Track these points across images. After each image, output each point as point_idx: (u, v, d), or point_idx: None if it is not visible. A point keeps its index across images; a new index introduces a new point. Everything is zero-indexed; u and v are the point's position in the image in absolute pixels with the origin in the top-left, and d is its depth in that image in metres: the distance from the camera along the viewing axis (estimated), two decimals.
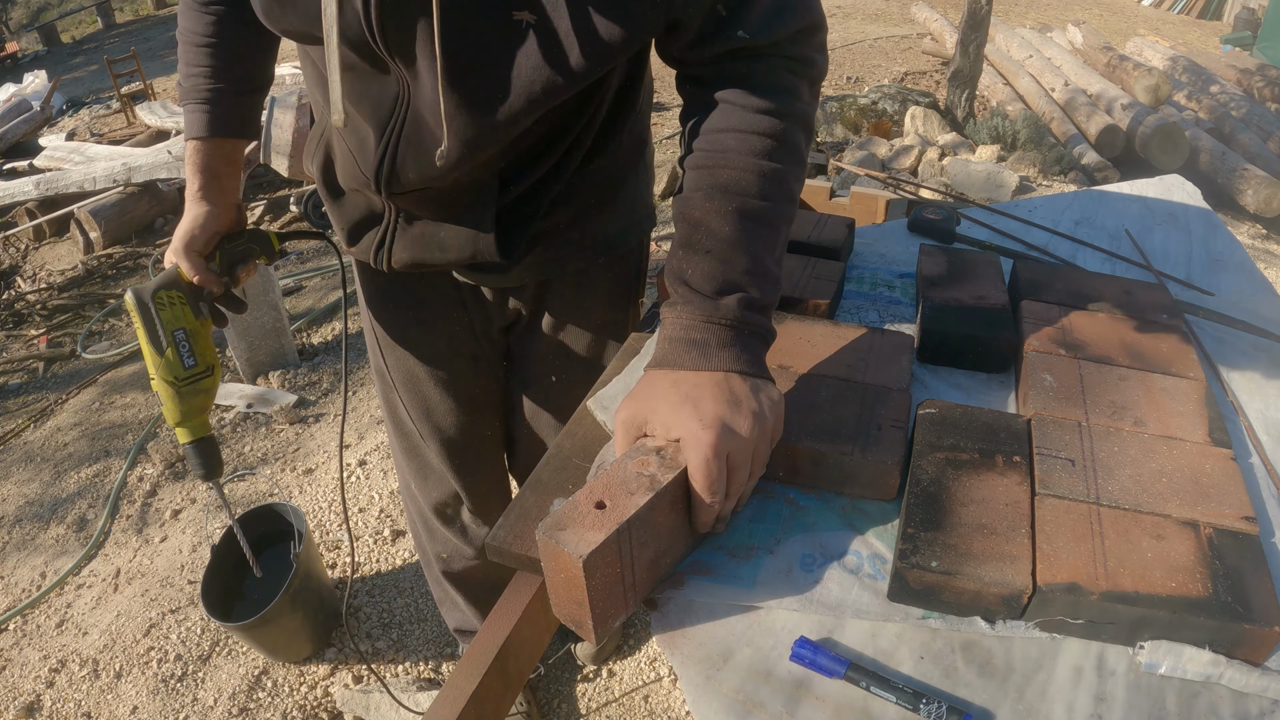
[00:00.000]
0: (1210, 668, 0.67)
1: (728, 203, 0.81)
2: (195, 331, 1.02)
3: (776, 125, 0.84)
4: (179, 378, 1.01)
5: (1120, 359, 0.97)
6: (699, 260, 0.80)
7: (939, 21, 7.10)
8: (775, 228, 0.84)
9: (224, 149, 1.09)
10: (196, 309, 1.03)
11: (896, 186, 1.71)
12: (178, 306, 1.00)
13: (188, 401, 1.02)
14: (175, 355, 1.00)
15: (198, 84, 1.06)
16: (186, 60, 1.07)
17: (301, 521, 1.88)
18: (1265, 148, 4.91)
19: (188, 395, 1.02)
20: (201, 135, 1.07)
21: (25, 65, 9.03)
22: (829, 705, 0.67)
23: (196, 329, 1.02)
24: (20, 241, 4.62)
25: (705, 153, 0.84)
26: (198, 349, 1.02)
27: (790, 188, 0.85)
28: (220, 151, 1.08)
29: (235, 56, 1.07)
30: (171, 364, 1.00)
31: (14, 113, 5.97)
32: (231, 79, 1.07)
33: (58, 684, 1.95)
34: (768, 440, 0.77)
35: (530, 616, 0.78)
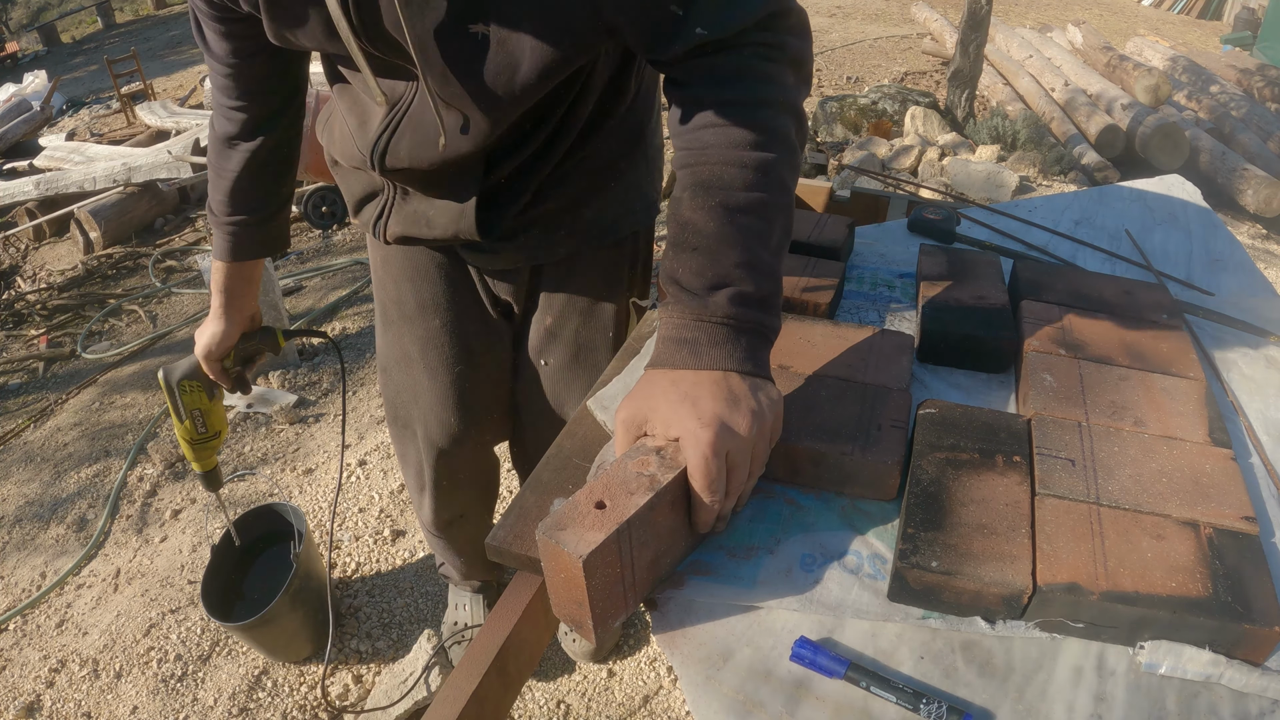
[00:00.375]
0: (1210, 668, 0.67)
1: (710, 198, 0.80)
2: (208, 410, 1.33)
3: (754, 114, 0.83)
4: (193, 440, 1.36)
5: (1120, 359, 0.97)
6: (687, 258, 0.80)
7: (939, 21, 7.10)
8: (765, 218, 0.82)
9: (244, 270, 1.24)
10: (210, 393, 1.32)
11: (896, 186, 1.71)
12: (196, 393, 1.30)
13: (199, 452, 1.39)
14: (191, 425, 1.33)
15: (224, 210, 1.19)
16: (214, 185, 1.19)
17: (301, 521, 1.88)
18: (1265, 148, 4.91)
19: (200, 450, 1.39)
20: (225, 259, 1.22)
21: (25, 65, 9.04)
22: (829, 705, 0.67)
23: (209, 408, 1.33)
24: (20, 241, 4.62)
25: (686, 151, 0.84)
26: (209, 422, 1.35)
27: (779, 175, 0.83)
28: (241, 273, 1.24)
29: (258, 187, 1.18)
30: (189, 430, 1.34)
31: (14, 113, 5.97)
32: (255, 208, 1.19)
33: (58, 684, 1.95)
34: (767, 439, 0.77)
35: (530, 616, 0.78)
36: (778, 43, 0.85)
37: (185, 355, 1.33)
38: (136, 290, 3.90)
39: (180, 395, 1.29)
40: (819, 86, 6.27)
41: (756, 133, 0.82)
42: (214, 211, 1.21)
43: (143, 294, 3.85)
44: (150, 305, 3.77)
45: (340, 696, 1.86)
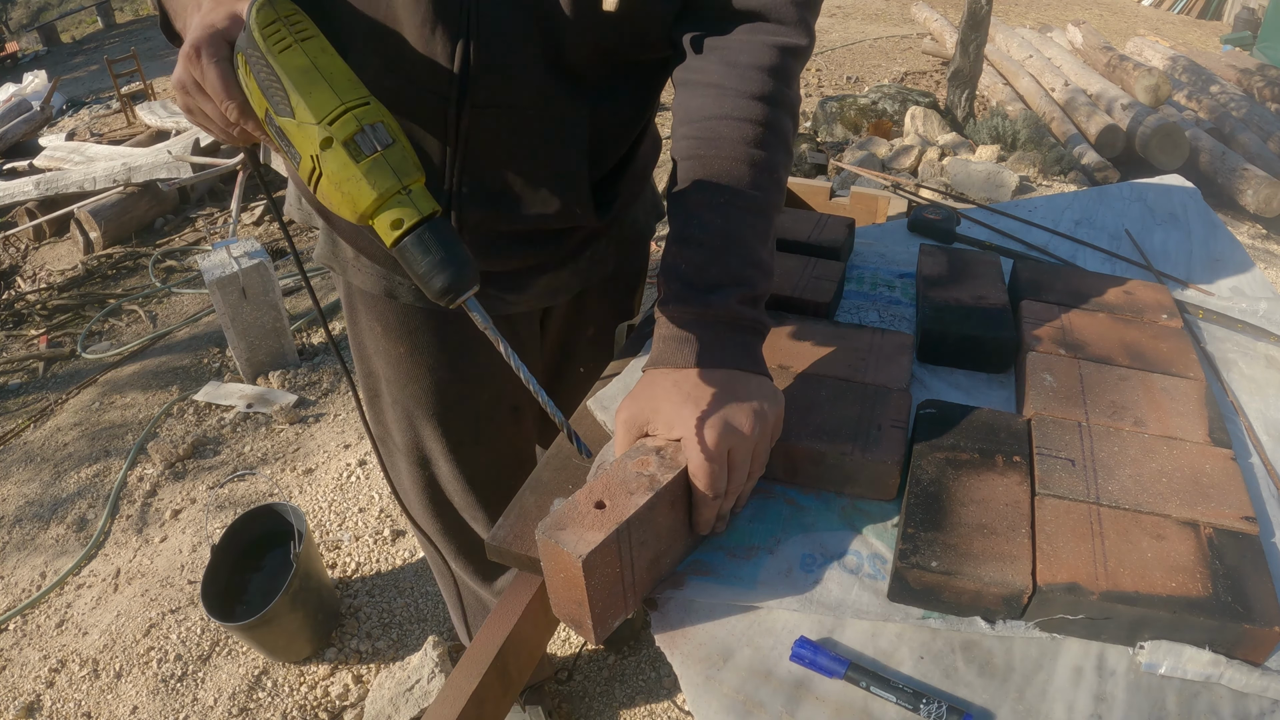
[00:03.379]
0: (1210, 668, 0.67)
1: (719, 194, 0.80)
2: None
3: (770, 112, 0.83)
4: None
5: (1120, 359, 0.97)
6: (691, 253, 0.80)
7: (939, 21, 7.10)
8: (768, 218, 0.83)
9: None
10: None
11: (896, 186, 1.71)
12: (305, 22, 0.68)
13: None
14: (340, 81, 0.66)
15: None
16: None
17: (301, 521, 1.88)
18: (1265, 148, 4.91)
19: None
20: None
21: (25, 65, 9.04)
22: (829, 705, 0.67)
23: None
24: (20, 241, 4.62)
25: (696, 141, 0.83)
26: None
27: (780, 177, 0.85)
28: None
29: None
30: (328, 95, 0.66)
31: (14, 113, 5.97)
32: None
33: (58, 684, 1.95)
34: (768, 438, 0.77)
35: (530, 616, 0.78)
36: (805, 43, 0.86)
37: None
38: (136, 290, 3.90)
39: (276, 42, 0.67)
40: (819, 86, 6.27)
41: (768, 132, 0.83)
42: None
43: (143, 294, 3.85)
44: (150, 305, 3.77)
45: (340, 696, 1.86)
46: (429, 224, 0.65)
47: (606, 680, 1.87)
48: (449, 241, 0.65)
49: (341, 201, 0.65)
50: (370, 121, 0.65)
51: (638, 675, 1.87)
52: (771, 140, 0.83)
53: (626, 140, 1.00)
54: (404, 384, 1.13)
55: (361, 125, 0.64)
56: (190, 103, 0.72)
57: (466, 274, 0.65)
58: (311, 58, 0.65)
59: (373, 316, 1.10)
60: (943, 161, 4.26)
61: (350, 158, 0.64)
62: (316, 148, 0.64)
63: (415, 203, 0.65)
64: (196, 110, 0.72)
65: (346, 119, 0.64)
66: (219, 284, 2.71)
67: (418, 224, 0.64)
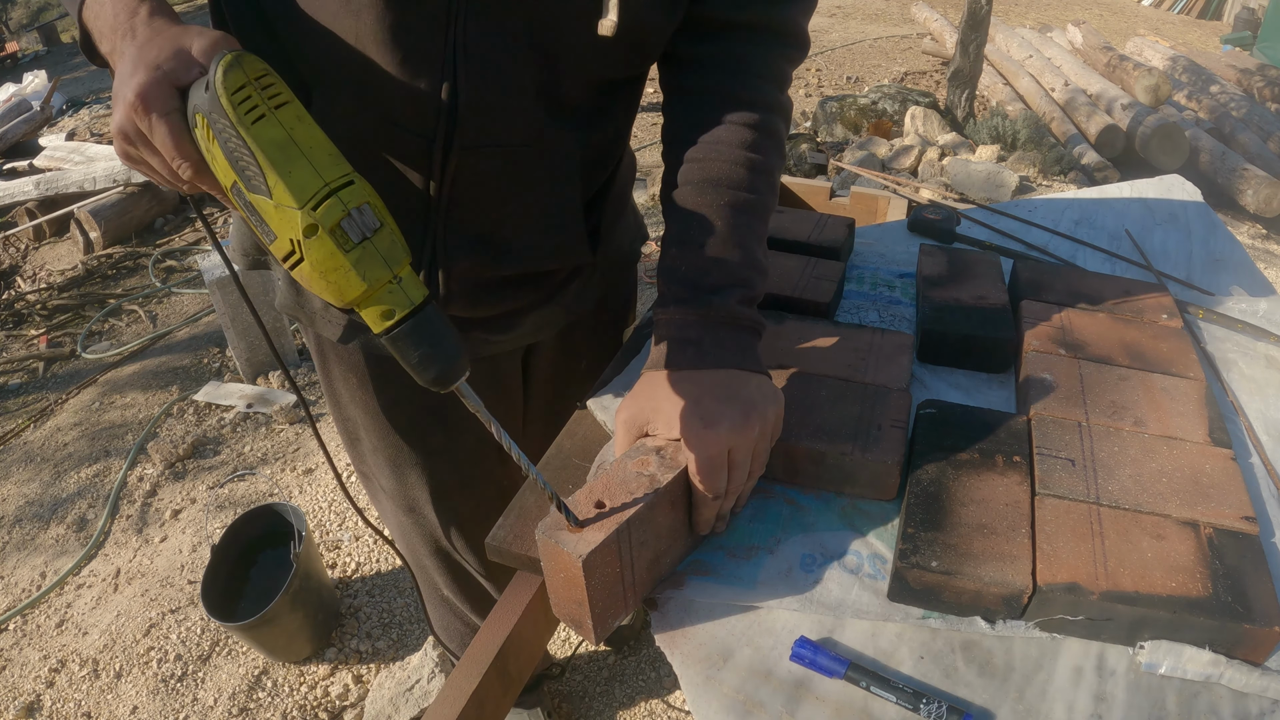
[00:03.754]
0: (1210, 668, 0.67)
1: (720, 196, 0.81)
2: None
3: (767, 118, 0.84)
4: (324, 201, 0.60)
5: (1120, 359, 0.97)
6: (692, 256, 0.80)
7: (939, 21, 7.10)
8: (764, 220, 0.84)
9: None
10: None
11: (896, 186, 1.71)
12: (278, 86, 0.61)
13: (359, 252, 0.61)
14: (322, 160, 0.60)
15: None
16: None
17: (301, 521, 1.88)
18: (1265, 148, 4.90)
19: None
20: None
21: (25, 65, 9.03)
22: (829, 705, 0.67)
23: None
24: (20, 241, 4.62)
25: (698, 144, 0.83)
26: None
27: (775, 179, 0.86)
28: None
29: None
30: (309, 178, 0.60)
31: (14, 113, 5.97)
32: None
33: (58, 684, 1.95)
34: (768, 438, 0.77)
35: (530, 616, 0.78)
36: (802, 51, 0.87)
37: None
38: (136, 290, 3.90)
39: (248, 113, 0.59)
40: (819, 86, 6.27)
41: (764, 136, 0.84)
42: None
43: (143, 294, 3.84)
44: (150, 305, 3.77)
45: (340, 696, 1.86)
46: (420, 314, 0.62)
47: (606, 680, 1.87)
48: (440, 331, 0.63)
49: (326, 289, 0.61)
50: (356, 204, 0.60)
51: (638, 675, 1.87)
52: (768, 144, 0.84)
53: (611, 165, 0.96)
54: (384, 434, 1.07)
55: (348, 209, 0.59)
56: (132, 153, 0.64)
57: (458, 363, 0.63)
58: (288, 129, 0.59)
59: (346, 368, 1.03)
60: (943, 161, 4.26)
61: (338, 246, 0.59)
62: (299, 233, 0.59)
63: (406, 291, 0.62)
64: (138, 161, 0.65)
65: (332, 203, 0.59)
66: (219, 284, 2.71)
67: (409, 315, 0.62)
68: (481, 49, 0.75)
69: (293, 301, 0.99)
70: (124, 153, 0.65)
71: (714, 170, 0.82)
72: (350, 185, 0.60)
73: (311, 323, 0.98)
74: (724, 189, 0.81)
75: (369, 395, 1.04)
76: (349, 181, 0.60)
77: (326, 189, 0.59)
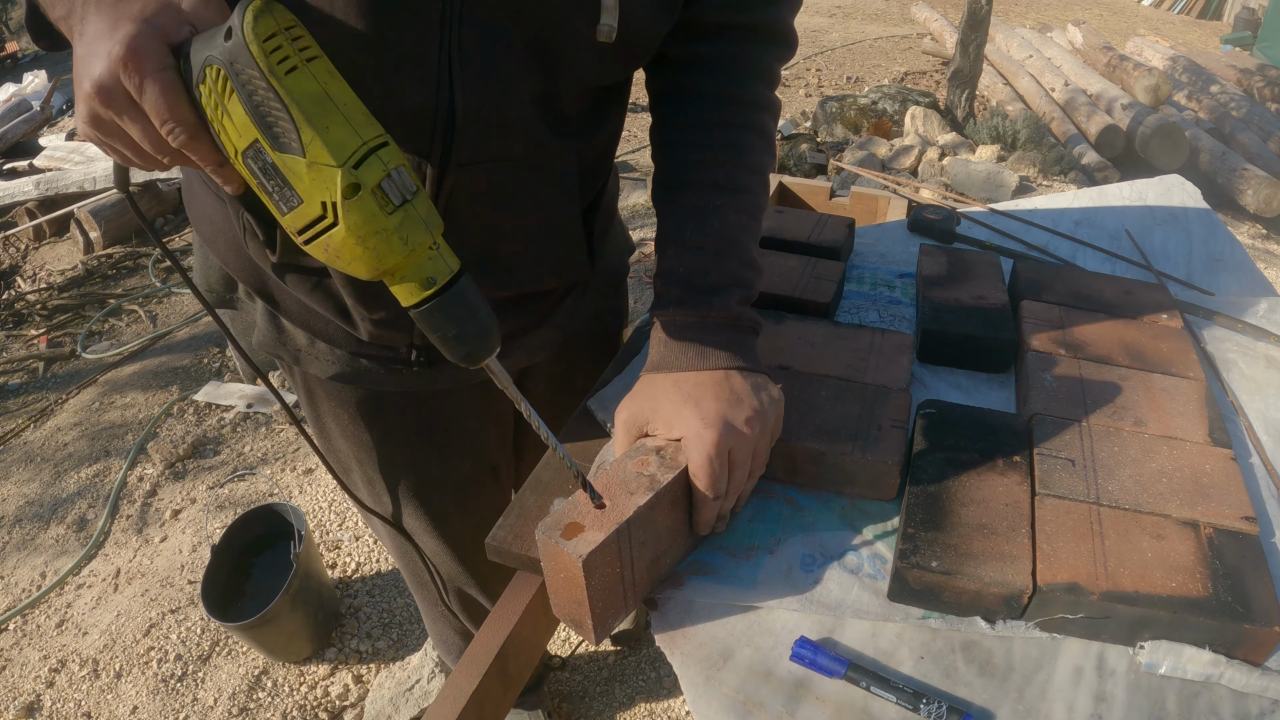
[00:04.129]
0: (1210, 668, 0.67)
1: (716, 197, 0.81)
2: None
3: (759, 117, 0.85)
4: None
5: (1120, 359, 0.97)
6: (692, 257, 0.80)
7: (939, 21, 7.10)
8: (759, 219, 0.85)
9: None
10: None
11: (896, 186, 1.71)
12: (306, 39, 0.56)
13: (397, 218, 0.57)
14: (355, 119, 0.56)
15: None
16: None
17: (301, 521, 1.87)
18: (1265, 148, 4.90)
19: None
20: None
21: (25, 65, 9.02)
22: (829, 705, 0.67)
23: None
24: (20, 241, 4.62)
25: (691, 145, 0.83)
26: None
27: (767, 178, 0.87)
28: None
29: None
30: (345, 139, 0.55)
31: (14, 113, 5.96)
32: None
33: (58, 684, 1.95)
34: (768, 438, 0.77)
35: (530, 616, 0.78)
36: (791, 51, 0.87)
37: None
38: (136, 290, 3.90)
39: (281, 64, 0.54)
40: (819, 86, 6.27)
41: (757, 135, 0.85)
42: None
43: (143, 294, 3.84)
44: (150, 305, 3.77)
45: (340, 696, 1.86)
46: (458, 283, 0.59)
47: (606, 680, 1.87)
48: (476, 302, 0.60)
49: (360, 256, 0.56)
50: (395, 165, 0.56)
51: (638, 675, 1.87)
52: (760, 143, 0.85)
53: (604, 176, 0.94)
54: (378, 467, 1.04)
55: (388, 169, 0.55)
56: (105, 119, 0.56)
57: (493, 334, 0.61)
58: (322, 83, 0.54)
59: (336, 404, 0.98)
60: (943, 161, 4.26)
61: (379, 208, 0.55)
62: (336, 194, 0.54)
63: (444, 258, 0.59)
64: (111, 130, 0.56)
65: (372, 162, 0.55)
66: None
67: (449, 284, 0.59)
68: (479, 56, 0.70)
69: (273, 340, 0.93)
70: (94, 119, 0.56)
71: (709, 170, 0.82)
72: (386, 145, 0.56)
73: (296, 361, 0.93)
74: (719, 189, 0.82)
75: (361, 430, 1.00)
76: (384, 142, 0.56)
77: (365, 147, 0.55)
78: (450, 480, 1.08)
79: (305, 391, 1.00)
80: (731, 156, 0.83)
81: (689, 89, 0.85)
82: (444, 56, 0.69)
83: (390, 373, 0.92)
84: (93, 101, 0.54)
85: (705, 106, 0.84)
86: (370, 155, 0.55)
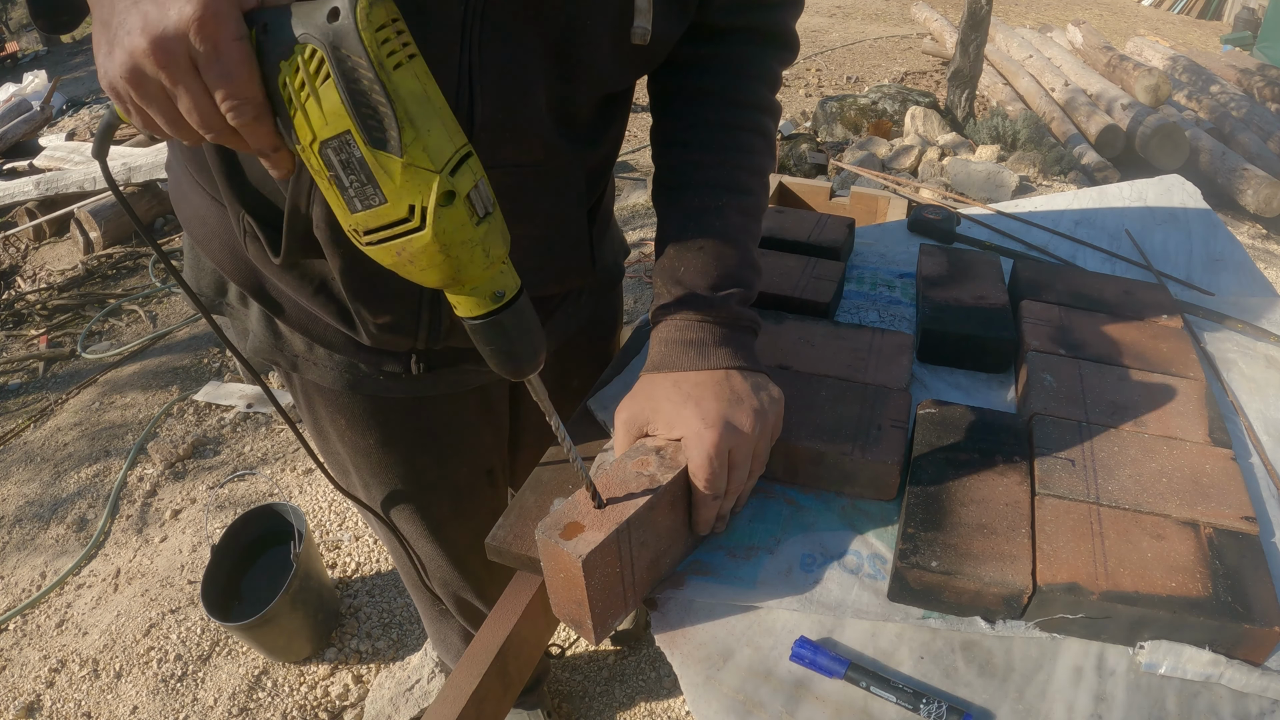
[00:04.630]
0: (1210, 668, 0.67)
1: (718, 198, 0.81)
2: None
3: (760, 119, 0.85)
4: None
5: (1120, 359, 0.97)
6: (693, 258, 0.80)
7: (939, 21, 7.10)
8: (759, 220, 0.85)
9: None
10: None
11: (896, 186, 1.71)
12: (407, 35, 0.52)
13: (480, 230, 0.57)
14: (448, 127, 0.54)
15: None
16: None
17: (301, 521, 1.88)
18: (1265, 148, 4.90)
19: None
20: None
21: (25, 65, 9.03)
22: (829, 705, 0.67)
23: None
24: (20, 241, 4.62)
25: (693, 145, 0.84)
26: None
27: (767, 180, 0.87)
28: None
29: None
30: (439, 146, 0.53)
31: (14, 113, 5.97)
32: None
33: (58, 684, 1.95)
34: (768, 438, 0.77)
35: (530, 616, 0.78)
36: (794, 54, 0.87)
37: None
38: (136, 290, 3.90)
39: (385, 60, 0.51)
40: (819, 86, 6.27)
41: (758, 136, 0.85)
42: None
43: (143, 294, 3.84)
44: (150, 305, 3.77)
45: (340, 696, 1.86)
46: (519, 299, 0.60)
47: (606, 680, 1.87)
48: (532, 317, 0.61)
49: (441, 265, 0.55)
50: (480, 176, 0.55)
51: (638, 675, 1.87)
52: (762, 145, 0.85)
53: (605, 181, 0.93)
54: (376, 472, 1.03)
55: (476, 180, 0.55)
56: (154, 77, 0.49)
57: (542, 350, 0.61)
58: (423, 84, 0.52)
59: (335, 410, 0.97)
60: (943, 161, 4.26)
61: (468, 217, 0.54)
62: (430, 200, 0.52)
63: (511, 274, 0.59)
64: (153, 92, 0.50)
65: (464, 170, 0.53)
66: None
67: (514, 298, 0.59)
68: (499, 64, 0.69)
69: (269, 345, 0.92)
70: (135, 76, 0.49)
71: (710, 171, 0.82)
72: (472, 155, 0.55)
73: (294, 367, 0.92)
74: (721, 189, 0.82)
75: (359, 435, 0.99)
76: (470, 152, 0.55)
77: (458, 155, 0.54)
78: (448, 484, 1.07)
79: (303, 396, 0.99)
80: (732, 158, 0.83)
81: (691, 90, 0.85)
82: (464, 59, 0.68)
83: (390, 378, 0.92)
84: (143, 57, 0.48)
85: (707, 107, 0.84)
86: (462, 164, 0.54)
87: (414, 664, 1.80)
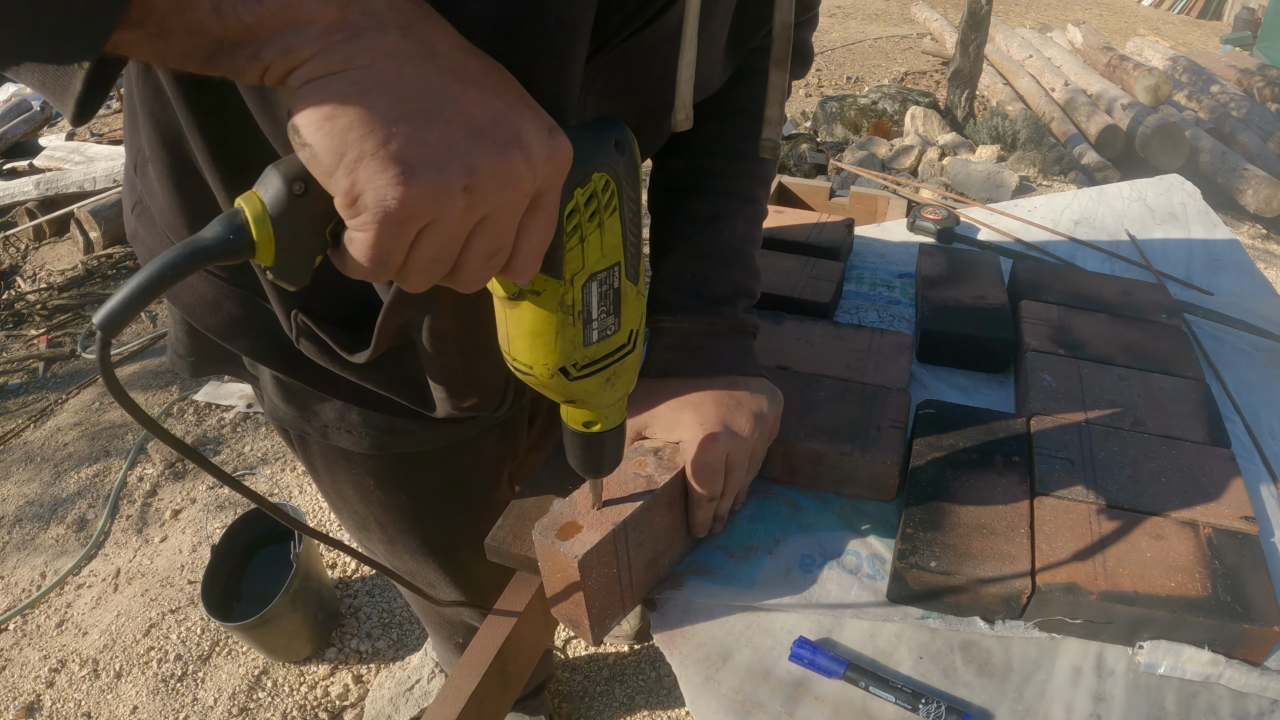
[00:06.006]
0: (1209, 667, 0.67)
1: (728, 206, 0.82)
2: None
3: (769, 129, 0.85)
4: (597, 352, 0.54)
5: (1120, 359, 0.97)
6: (700, 266, 0.81)
7: (939, 21, 7.10)
8: (760, 225, 0.86)
9: None
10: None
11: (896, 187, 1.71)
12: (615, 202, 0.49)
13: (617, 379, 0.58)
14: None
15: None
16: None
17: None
18: (1265, 148, 4.90)
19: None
20: None
21: None
22: (828, 705, 0.67)
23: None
24: (20, 241, 4.62)
25: (700, 151, 0.84)
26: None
27: (769, 187, 0.88)
28: None
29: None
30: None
31: (14, 113, 5.97)
32: None
33: (58, 684, 1.95)
34: (766, 439, 0.77)
35: (530, 616, 0.78)
36: (806, 68, 0.87)
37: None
38: None
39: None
40: (819, 86, 6.27)
41: (768, 149, 0.84)
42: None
43: None
44: (150, 305, 3.77)
45: (340, 696, 1.86)
46: (623, 423, 0.63)
47: (606, 680, 1.87)
48: (620, 442, 0.64)
49: (621, 386, 0.57)
50: None
51: (638, 675, 1.87)
52: (770, 156, 0.85)
53: None
54: (405, 528, 0.98)
55: None
56: (454, 230, 0.39)
57: (618, 463, 0.65)
58: None
59: (363, 472, 0.91)
60: (943, 161, 4.26)
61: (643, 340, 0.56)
62: (641, 324, 0.53)
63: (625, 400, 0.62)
64: (423, 263, 0.40)
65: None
66: None
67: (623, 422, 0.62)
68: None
69: (292, 416, 0.84)
70: (395, 225, 0.37)
71: (723, 179, 0.83)
72: None
73: (324, 436, 0.85)
74: (731, 198, 0.82)
75: (388, 495, 0.94)
76: None
77: None
78: (477, 527, 0.98)
79: (324, 462, 0.91)
80: (744, 166, 0.83)
81: (709, 99, 0.85)
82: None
83: (424, 429, 0.86)
84: (453, 199, 0.37)
85: (723, 117, 0.84)
86: None
87: (414, 664, 1.80)
